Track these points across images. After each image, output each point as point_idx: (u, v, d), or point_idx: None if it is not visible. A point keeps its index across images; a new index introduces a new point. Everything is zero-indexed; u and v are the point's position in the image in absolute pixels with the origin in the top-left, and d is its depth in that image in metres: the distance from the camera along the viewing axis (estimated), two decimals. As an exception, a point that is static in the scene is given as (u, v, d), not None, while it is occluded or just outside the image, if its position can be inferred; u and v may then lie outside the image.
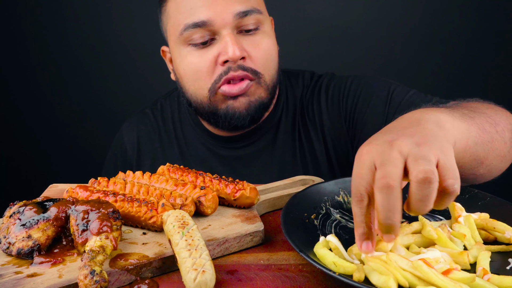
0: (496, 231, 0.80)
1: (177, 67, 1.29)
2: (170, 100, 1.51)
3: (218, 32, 1.19)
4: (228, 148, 1.38)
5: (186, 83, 1.28)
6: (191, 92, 1.28)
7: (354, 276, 0.67)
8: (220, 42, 1.19)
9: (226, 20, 1.17)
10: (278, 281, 0.73)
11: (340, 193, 0.97)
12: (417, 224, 0.80)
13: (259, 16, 1.22)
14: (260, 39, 1.23)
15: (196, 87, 1.25)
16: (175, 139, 1.45)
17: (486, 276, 0.67)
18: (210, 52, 1.20)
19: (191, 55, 1.22)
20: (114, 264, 0.75)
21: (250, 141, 1.37)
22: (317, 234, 0.83)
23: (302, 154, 1.37)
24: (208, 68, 1.20)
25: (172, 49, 1.29)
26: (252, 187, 0.95)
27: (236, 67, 1.18)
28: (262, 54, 1.22)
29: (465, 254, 0.71)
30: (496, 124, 0.95)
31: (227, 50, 1.16)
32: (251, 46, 1.21)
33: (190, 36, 1.20)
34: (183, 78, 1.28)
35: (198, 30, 1.18)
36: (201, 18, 1.17)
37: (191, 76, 1.24)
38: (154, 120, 1.49)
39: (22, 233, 0.79)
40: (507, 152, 0.98)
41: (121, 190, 0.96)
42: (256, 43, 1.22)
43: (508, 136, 0.99)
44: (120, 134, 1.52)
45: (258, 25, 1.22)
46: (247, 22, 1.20)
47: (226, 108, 1.24)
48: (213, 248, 0.82)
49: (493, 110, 1.03)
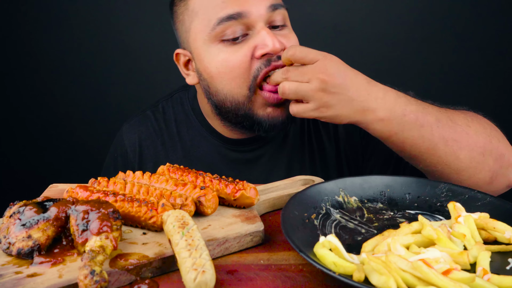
0: (496, 231, 0.80)
1: (205, 67, 1.22)
2: (172, 101, 1.48)
3: (252, 26, 1.15)
4: (237, 151, 1.37)
5: (220, 83, 1.20)
6: (226, 92, 1.21)
7: (354, 276, 0.67)
8: (255, 36, 1.16)
9: (260, 11, 1.15)
10: (278, 281, 0.73)
11: (340, 193, 0.97)
12: (417, 224, 0.80)
13: (285, 12, 1.22)
14: (289, 33, 1.22)
15: (233, 85, 1.19)
16: (179, 142, 1.42)
17: (486, 276, 0.67)
18: (246, 46, 1.16)
19: (223, 52, 1.17)
20: (114, 264, 0.75)
21: (260, 144, 1.36)
22: (317, 234, 0.83)
23: (312, 158, 1.35)
24: (246, 63, 1.16)
25: (198, 48, 1.22)
26: (252, 187, 0.95)
27: (277, 58, 1.15)
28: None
29: (465, 254, 0.71)
30: (465, 124, 1.05)
31: (267, 43, 1.13)
32: (285, 39, 1.19)
33: (223, 30, 1.15)
34: (216, 78, 1.21)
35: (233, 23, 1.14)
36: (235, 10, 1.13)
37: (227, 74, 1.18)
38: (156, 122, 1.45)
39: (22, 233, 0.79)
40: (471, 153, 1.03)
41: (121, 190, 0.96)
42: (287, 37, 1.21)
43: (477, 139, 1.04)
44: (120, 137, 1.49)
45: (284, 22, 1.22)
46: (276, 18, 1.19)
47: (266, 116, 1.20)
48: (213, 248, 0.82)
49: (472, 115, 1.10)
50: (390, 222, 0.90)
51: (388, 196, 0.98)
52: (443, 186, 0.97)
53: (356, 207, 0.96)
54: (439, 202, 0.95)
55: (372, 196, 0.98)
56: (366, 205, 0.96)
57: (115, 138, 1.52)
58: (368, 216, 0.93)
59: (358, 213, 0.93)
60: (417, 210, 0.95)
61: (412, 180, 0.99)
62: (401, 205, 0.97)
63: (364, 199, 0.98)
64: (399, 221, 0.90)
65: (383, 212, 0.94)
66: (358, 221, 0.90)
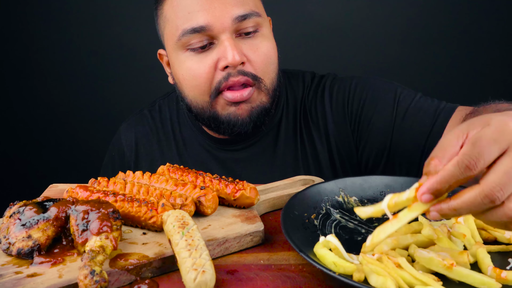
0: (496, 231, 0.81)
1: (175, 72, 1.27)
2: (169, 101, 1.50)
3: (217, 37, 1.17)
4: (227, 150, 1.38)
5: (186, 89, 1.26)
6: (191, 98, 1.26)
7: (354, 276, 0.67)
8: (219, 46, 1.17)
9: (225, 24, 1.15)
10: (278, 281, 0.73)
11: (340, 193, 0.97)
12: (417, 224, 0.80)
13: (258, 19, 1.20)
14: (259, 43, 1.21)
15: (196, 93, 1.23)
16: (174, 141, 1.44)
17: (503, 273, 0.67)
18: (210, 57, 1.18)
19: (189, 60, 1.20)
20: (114, 264, 0.75)
21: (250, 143, 1.36)
22: (317, 234, 0.83)
23: (304, 156, 1.35)
24: (208, 73, 1.19)
25: (170, 53, 1.27)
26: (252, 187, 0.95)
27: (236, 73, 1.17)
28: (262, 58, 1.21)
29: (465, 254, 0.71)
30: None
31: (227, 55, 1.15)
32: (251, 50, 1.19)
33: (188, 41, 1.18)
34: (182, 83, 1.26)
35: (197, 35, 1.16)
36: (199, 23, 1.15)
37: (190, 81, 1.22)
38: (152, 121, 1.47)
39: (22, 233, 0.79)
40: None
41: (121, 190, 0.96)
42: (256, 46, 1.20)
43: None
44: (117, 136, 1.51)
45: (257, 28, 1.21)
46: (246, 26, 1.18)
47: (228, 115, 1.22)
48: (213, 248, 0.82)
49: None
50: (390, 222, 0.90)
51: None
52: (443, 186, 0.96)
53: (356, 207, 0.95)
54: (439, 202, 0.95)
55: (372, 196, 0.98)
56: (366, 205, 0.96)
57: (113, 138, 1.54)
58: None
59: (358, 213, 0.93)
60: (417, 210, 0.94)
61: (412, 180, 0.99)
62: (401, 205, 0.96)
63: (364, 199, 0.98)
64: (399, 221, 0.90)
65: (383, 212, 0.94)
66: (358, 221, 0.90)
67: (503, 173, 0.58)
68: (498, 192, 0.58)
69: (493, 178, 0.58)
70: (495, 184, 0.58)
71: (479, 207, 0.60)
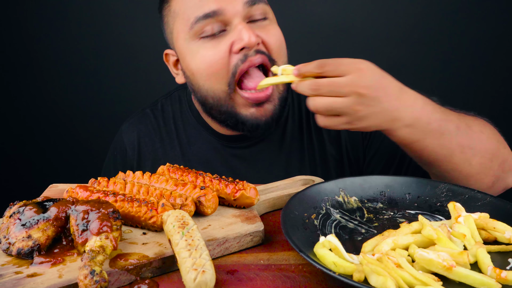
0: (496, 231, 0.80)
1: (187, 65, 1.25)
2: (171, 100, 1.50)
3: (229, 22, 1.17)
4: (232, 147, 1.37)
5: (200, 79, 1.23)
6: (207, 88, 1.23)
7: (354, 276, 0.67)
8: (232, 31, 1.17)
9: (236, 7, 1.16)
10: (278, 281, 0.73)
11: (340, 193, 0.97)
12: (417, 224, 0.80)
13: (266, 7, 1.22)
14: (270, 27, 1.22)
15: (213, 81, 1.21)
16: (177, 139, 1.43)
17: (503, 273, 0.67)
18: (223, 42, 1.17)
19: (203, 48, 1.19)
20: (114, 264, 0.75)
21: (256, 140, 1.36)
22: (317, 234, 0.83)
23: (312, 157, 1.35)
24: (223, 58, 1.17)
25: (181, 47, 1.25)
26: (252, 187, 0.95)
27: (254, 52, 1.16)
28: (275, 39, 1.21)
29: (465, 254, 0.71)
30: (479, 131, 1.05)
31: (243, 37, 1.14)
32: (263, 32, 1.20)
33: (201, 28, 1.18)
34: (196, 74, 1.23)
35: (209, 21, 1.16)
36: (211, 8, 1.16)
37: (205, 70, 1.20)
38: (154, 120, 1.47)
39: (22, 233, 0.79)
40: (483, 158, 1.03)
41: (121, 190, 0.96)
42: (267, 29, 1.21)
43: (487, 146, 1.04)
44: (119, 135, 1.50)
45: (265, 15, 1.22)
46: (255, 12, 1.19)
47: (250, 116, 1.21)
48: (213, 248, 0.82)
49: (482, 121, 1.11)
50: (390, 222, 0.90)
51: (388, 196, 0.98)
52: (443, 186, 0.97)
53: (356, 207, 0.96)
54: (439, 202, 0.95)
55: (372, 196, 0.98)
56: (366, 205, 0.96)
57: (115, 137, 1.53)
58: (368, 216, 0.93)
59: (358, 213, 0.93)
60: (417, 210, 0.95)
61: (412, 180, 0.99)
62: (401, 205, 0.97)
63: (364, 199, 0.98)
64: (399, 221, 0.90)
65: (383, 212, 0.94)
66: (358, 221, 0.90)
67: (338, 64, 0.94)
68: (329, 66, 0.93)
69: (330, 62, 0.94)
70: (330, 63, 0.94)
71: (314, 69, 0.94)
